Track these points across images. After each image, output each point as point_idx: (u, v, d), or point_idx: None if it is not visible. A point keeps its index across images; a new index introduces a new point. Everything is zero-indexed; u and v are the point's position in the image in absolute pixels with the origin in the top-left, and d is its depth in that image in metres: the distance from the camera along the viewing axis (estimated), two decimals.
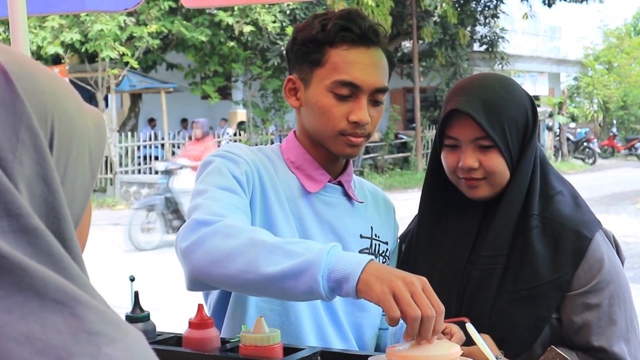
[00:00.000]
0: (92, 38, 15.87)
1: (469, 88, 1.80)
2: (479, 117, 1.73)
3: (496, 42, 22.66)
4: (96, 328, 0.71)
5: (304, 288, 1.38)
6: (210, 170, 1.66)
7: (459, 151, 1.79)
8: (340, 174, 1.81)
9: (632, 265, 9.08)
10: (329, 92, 1.68)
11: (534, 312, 1.74)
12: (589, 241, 1.75)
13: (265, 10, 16.76)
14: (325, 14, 1.72)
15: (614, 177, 20.41)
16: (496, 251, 1.77)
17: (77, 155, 0.81)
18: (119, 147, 17.01)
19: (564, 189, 1.84)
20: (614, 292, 1.76)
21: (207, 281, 1.49)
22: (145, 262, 9.62)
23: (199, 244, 1.47)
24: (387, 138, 21.59)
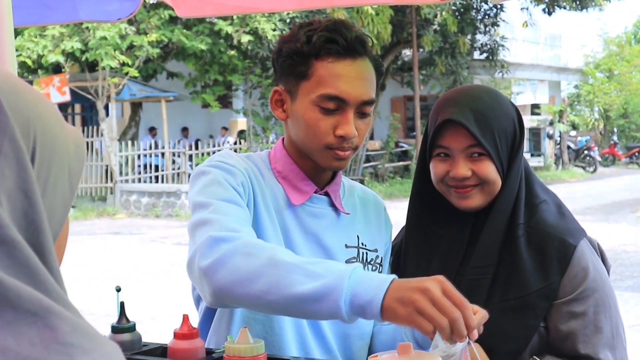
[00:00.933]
0: (92, 47, 15.91)
1: (458, 99, 1.80)
2: (471, 126, 1.74)
3: (496, 50, 22.68)
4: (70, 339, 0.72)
5: (326, 312, 1.38)
6: (208, 181, 1.65)
7: (449, 160, 1.79)
8: (328, 183, 1.80)
9: (632, 274, 9.07)
10: (315, 105, 1.66)
11: (523, 321, 1.74)
12: (574, 249, 1.76)
13: (265, 18, 16.79)
14: (311, 23, 1.69)
15: (614, 186, 20.41)
16: (485, 261, 1.78)
17: (58, 170, 0.82)
18: (119, 156, 17.03)
19: (548, 198, 1.85)
20: (599, 300, 1.76)
21: (230, 301, 1.49)
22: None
23: (221, 264, 1.46)
24: (387, 146, 21.61)
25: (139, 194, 16.05)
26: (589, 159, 25.77)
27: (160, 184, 17.06)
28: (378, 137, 23.98)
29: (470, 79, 22.47)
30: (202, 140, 19.68)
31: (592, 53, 32.24)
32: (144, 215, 15.61)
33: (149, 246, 11.78)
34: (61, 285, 0.78)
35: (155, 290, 8.39)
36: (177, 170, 18.05)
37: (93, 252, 11.06)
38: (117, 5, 3.06)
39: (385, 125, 22.99)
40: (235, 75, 18.74)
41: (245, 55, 18.50)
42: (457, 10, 21.24)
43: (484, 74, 23.76)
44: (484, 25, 22.52)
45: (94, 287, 8.13)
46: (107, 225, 14.36)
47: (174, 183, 17.21)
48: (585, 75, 31.16)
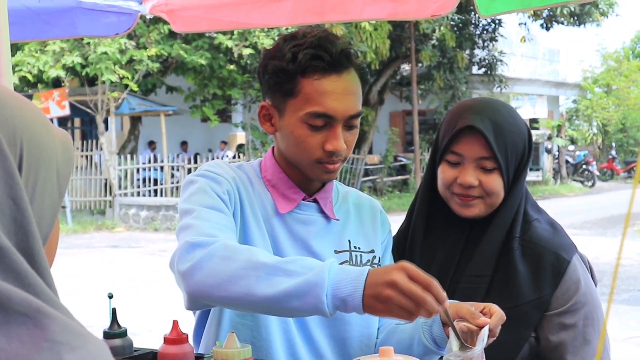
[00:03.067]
0: (92, 61, 15.97)
1: (479, 108, 1.84)
2: (489, 137, 1.78)
3: (495, 65, 22.73)
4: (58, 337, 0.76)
5: (308, 308, 1.42)
6: (195, 190, 1.69)
7: (459, 167, 1.83)
8: (317, 191, 1.82)
9: (628, 287, 9.09)
10: (303, 123, 1.68)
11: (515, 330, 1.79)
12: (567, 264, 1.82)
13: (264, 33, 16.85)
14: (295, 37, 1.70)
15: (612, 200, 20.42)
16: (481, 271, 1.83)
17: (46, 176, 0.86)
18: (119, 170, 17.05)
19: (540, 217, 1.90)
20: (588, 314, 1.82)
21: (209, 303, 1.53)
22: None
23: (198, 268, 1.49)
24: (386, 161, 21.63)
25: (138, 207, 16.07)
26: (587, 174, 25.78)
27: (159, 197, 17.07)
28: (377, 152, 24.01)
29: (469, 94, 22.50)
30: (201, 154, 19.71)
31: (591, 68, 32.31)
32: (143, 229, 15.62)
33: (148, 259, 11.79)
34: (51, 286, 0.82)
35: (153, 303, 8.41)
36: (176, 184, 18.06)
37: (92, 266, 11.07)
38: (114, 20, 3.12)
39: (383, 139, 23.02)
40: (234, 90, 18.78)
41: (245, 70, 18.55)
42: (456, 26, 21.31)
43: (483, 88, 23.80)
44: (482, 40, 22.58)
45: (92, 300, 8.15)
46: (106, 238, 14.37)
47: (173, 197, 17.22)
48: (584, 90, 31.21)
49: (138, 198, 16.73)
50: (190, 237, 1.56)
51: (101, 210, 17.16)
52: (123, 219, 16.09)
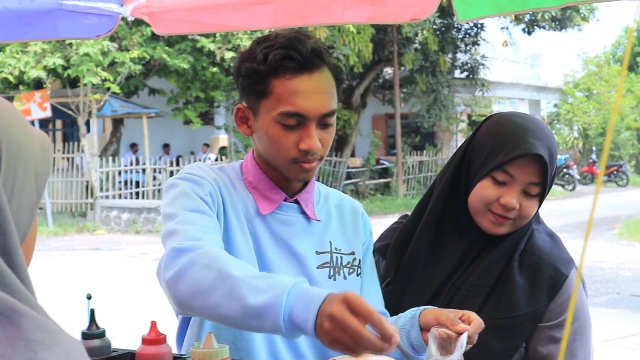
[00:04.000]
0: (74, 63, 15.90)
1: (538, 133, 1.81)
2: (549, 168, 1.78)
3: (477, 69, 22.85)
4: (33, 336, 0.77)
5: (269, 329, 1.42)
6: (177, 193, 1.70)
7: (505, 188, 1.81)
8: (299, 192, 1.83)
9: (607, 290, 9.17)
10: (277, 123, 1.68)
11: (508, 341, 1.81)
12: (565, 278, 1.84)
13: (247, 36, 16.84)
14: (267, 39, 1.71)
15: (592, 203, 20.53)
16: (482, 281, 1.84)
17: (24, 176, 0.87)
18: (100, 172, 16.99)
19: (539, 227, 1.93)
20: (578, 329, 1.84)
21: (192, 311, 1.54)
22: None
23: (181, 275, 1.51)
24: (368, 164, 21.68)
25: (120, 209, 16.02)
26: (568, 177, 25.93)
27: (141, 200, 17.02)
28: (359, 154, 24.06)
29: (451, 97, 22.61)
30: (183, 156, 19.67)
31: (572, 72, 32.49)
32: (124, 231, 15.57)
33: (129, 262, 11.76)
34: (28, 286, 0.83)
35: (134, 305, 8.38)
36: (158, 186, 18.02)
37: (72, 268, 11.03)
38: (95, 22, 3.12)
39: (366, 142, 23.07)
40: (217, 92, 18.77)
41: (228, 72, 18.53)
42: (438, 29, 21.41)
43: (465, 92, 23.92)
44: (464, 44, 22.70)
45: (72, 302, 8.11)
46: (87, 241, 14.32)
47: (155, 199, 17.16)
48: (565, 94, 31.41)
49: (120, 200, 16.67)
50: (175, 242, 1.56)
51: (82, 212, 17.09)
52: (104, 222, 16.03)
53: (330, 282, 1.81)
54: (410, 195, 21.43)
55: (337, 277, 1.83)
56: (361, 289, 1.87)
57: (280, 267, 1.75)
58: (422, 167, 22.79)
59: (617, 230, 14.65)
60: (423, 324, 1.66)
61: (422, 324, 1.66)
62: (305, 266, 1.79)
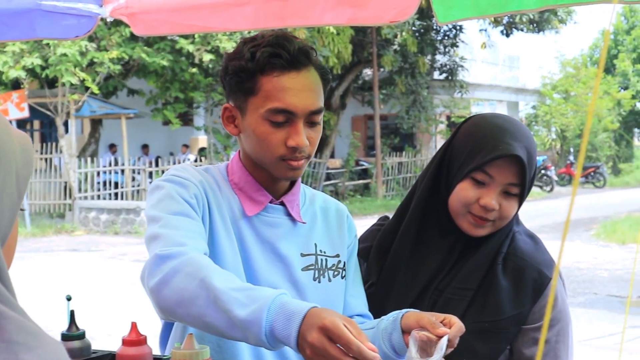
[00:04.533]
0: (52, 63, 15.80)
1: (517, 134, 1.82)
2: (526, 167, 1.79)
3: (456, 70, 22.96)
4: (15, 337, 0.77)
5: (252, 342, 1.44)
6: (162, 196, 1.69)
7: (484, 189, 1.82)
8: (285, 193, 1.83)
9: (584, 290, 9.24)
10: (265, 120, 1.69)
11: (493, 343, 1.83)
12: (549, 281, 1.85)
13: (226, 37, 16.82)
14: (254, 39, 1.72)
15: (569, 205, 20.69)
16: (466, 284, 1.85)
17: (5, 177, 0.87)
18: (79, 173, 16.90)
19: (520, 229, 1.94)
20: (561, 330, 1.87)
21: (176, 319, 1.54)
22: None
23: (165, 283, 1.51)
24: (347, 165, 21.71)
25: (98, 210, 15.93)
26: (546, 179, 26.11)
27: (120, 200, 16.94)
28: (338, 156, 24.08)
29: (430, 99, 22.70)
30: (162, 157, 19.60)
31: (549, 74, 32.70)
32: (103, 232, 15.49)
33: (108, 263, 11.70)
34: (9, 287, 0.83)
35: (113, 307, 8.35)
36: (136, 187, 17.94)
37: (51, 269, 10.96)
38: (74, 23, 3.10)
39: (345, 143, 23.10)
40: (196, 93, 18.72)
41: (207, 73, 18.49)
42: (417, 31, 21.49)
43: (444, 93, 24.03)
44: (443, 46, 22.80)
45: (50, 303, 8.07)
46: (66, 242, 14.23)
47: (134, 200, 17.09)
48: (543, 96, 31.61)
49: (98, 201, 16.59)
50: (159, 248, 1.56)
51: (61, 213, 16.98)
52: (83, 223, 15.94)
53: (314, 284, 1.81)
54: (389, 196, 21.49)
55: (322, 279, 1.83)
56: (345, 292, 1.88)
57: (265, 269, 1.75)
58: (401, 168, 22.86)
59: (594, 231, 14.78)
60: (405, 327, 1.67)
61: (404, 327, 1.67)
62: (290, 268, 1.79)
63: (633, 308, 8.28)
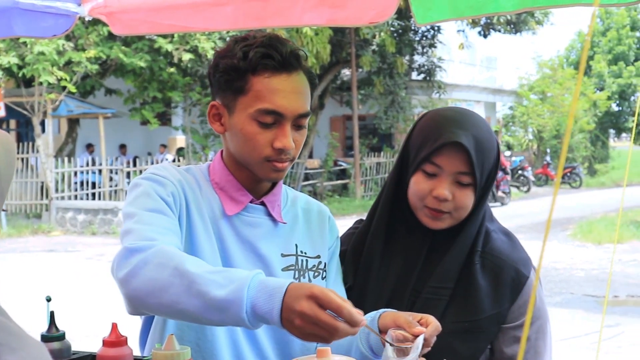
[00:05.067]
0: (29, 62, 15.68)
1: (462, 122, 1.83)
2: (473, 155, 1.79)
3: (434, 71, 23.03)
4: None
5: (231, 322, 1.43)
6: (139, 193, 1.69)
7: (435, 179, 1.82)
8: (266, 194, 1.84)
9: (561, 290, 9.31)
10: (253, 120, 1.70)
11: (473, 343, 1.83)
12: (526, 279, 1.87)
13: (205, 37, 16.77)
14: (246, 38, 1.73)
15: (547, 205, 20.87)
16: (443, 283, 1.85)
17: None
18: (55, 173, 16.78)
19: (495, 227, 1.94)
20: (540, 327, 1.88)
21: (146, 309, 1.53)
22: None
23: (134, 275, 1.50)
24: (326, 165, 21.72)
25: (75, 211, 15.83)
26: (522, 179, 26.26)
27: (97, 201, 16.84)
28: (317, 156, 24.09)
29: (408, 99, 22.76)
30: (140, 157, 19.51)
31: (526, 75, 32.92)
32: (80, 233, 15.39)
33: (85, 264, 11.63)
34: None
35: (91, 307, 8.30)
36: (114, 187, 17.85)
37: (27, 270, 10.87)
38: (52, 22, 3.09)
39: (324, 144, 23.12)
40: (174, 92, 18.65)
41: (185, 73, 18.43)
42: (396, 32, 21.54)
43: (422, 94, 24.10)
44: (421, 46, 22.88)
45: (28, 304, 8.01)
46: (42, 242, 14.12)
47: (111, 200, 17.00)
48: (520, 97, 31.82)
49: (75, 201, 16.47)
50: (129, 242, 1.56)
51: (37, 213, 16.85)
52: (60, 223, 15.83)
53: None
54: (367, 197, 21.53)
55: (302, 279, 1.84)
56: None
57: (245, 269, 1.75)
58: (379, 168, 22.91)
59: (570, 231, 14.89)
60: (382, 327, 1.68)
61: (381, 327, 1.68)
62: (270, 268, 1.79)
63: (609, 307, 8.37)
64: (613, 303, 8.55)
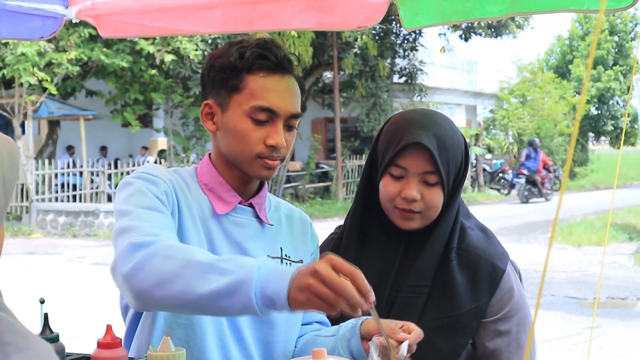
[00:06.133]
0: (9, 63, 15.57)
1: (423, 123, 1.86)
2: (435, 154, 1.81)
3: (415, 74, 23.09)
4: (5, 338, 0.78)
5: (239, 306, 1.43)
6: (132, 191, 1.71)
7: (402, 181, 1.86)
8: (253, 196, 1.88)
9: (543, 292, 9.38)
10: (247, 117, 1.76)
11: (453, 339, 1.85)
12: (503, 272, 1.89)
13: (187, 39, 16.74)
14: (241, 41, 1.80)
15: (527, 208, 20.99)
16: (421, 281, 1.87)
17: None
18: (36, 175, 16.67)
19: (472, 224, 1.97)
20: (521, 320, 1.91)
21: (152, 304, 1.53)
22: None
23: (140, 268, 1.50)
24: (308, 167, 21.71)
25: (56, 213, 15.73)
26: (503, 182, 26.40)
27: (78, 203, 16.74)
28: (299, 158, 24.08)
29: (390, 102, 22.80)
30: (121, 159, 19.42)
31: (507, 79, 33.00)
32: (61, 235, 15.30)
33: (66, 266, 11.57)
34: None
35: (73, 310, 8.26)
36: (95, 189, 17.75)
37: (7, 273, 10.80)
38: (39, 23, 3.08)
39: (306, 146, 23.12)
40: (156, 94, 18.58)
41: (167, 75, 18.38)
42: (377, 35, 21.59)
43: (403, 97, 24.16)
44: (403, 49, 22.93)
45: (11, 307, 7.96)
46: (22, 245, 14.02)
47: (92, 202, 16.91)
48: (500, 100, 31.94)
49: (56, 204, 16.37)
50: (133, 238, 1.56)
51: (17, 215, 16.72)
52: (40, 225, 15.73)
53: None
54: (349, 199, 21.54)
55: None
56: None
57: None
58: (361, 171, 22.81)
59: (550, 233, 14.97)
60: (364, 333, 1.72)
61: (364, 333, 1.72)
62: None
63: (590, 309, 8.43)
64: (594, 305, 8.61)
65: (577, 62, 35.03)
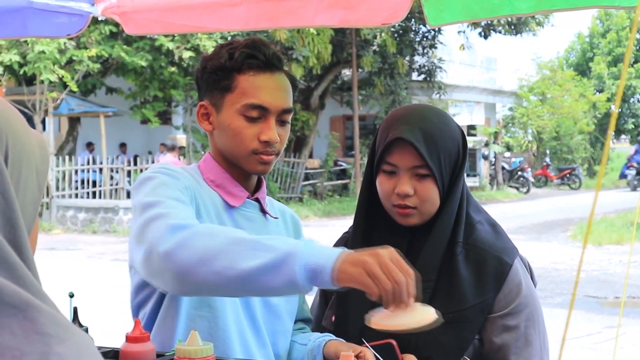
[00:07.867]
0: (31, 60, 15.68)
1: (409, 118, 1.88)
2: (419, 146, 1.81)
3: (434, 72, 23.03)
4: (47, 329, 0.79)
5: (283, 279, 1.46)
6: (156, 184, 1.74)
7: (396, 178, 1.87)
8: (255, 191, 1.94)
9: (562, 290, 9.33)
10: (240, 115, 1.81)
11: (459, 334, 1.84)
12: (510, 267, 1.88)
13: (206, 36, 16.78)
14: (231, 43, 1.85)
15: (546, 206, 20.90)
16: (425, 276, 1.85)
17: (27, 172, 0.89)
18: (56, 171, 16.78)
19: (482, 218, 1.95)
20: (529, 315, 1.88)
21: (192, 282, 1.52)
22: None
23: (182, 246, 1.52)
24: (326, 165, 21.73)
25: (76, 209, 15.84)
26: (522, 180, 26.30)
27: (98, 199, 16.86)
28: (317, 156, 24.10)
29: (409, 100, 22.76)
30: (140, 156, 19.51)
31: (526, 77, 32.90)
32: (81, 231, 15.41)
33: (86, 262, 11.65)
34: (37, 276, 0.85)
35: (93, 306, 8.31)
36: (115, 186, 17.86)
37: None
38: (66, 21, 3.11)
39: (324, 143, 23.13)
40: (175, 91, 18.66)
41: (186, 72, 18.44)
42: (396, 32, 21.54)
43: (422, 94, 24.11)
44: (422, 47, 22.87)
45: None
46: (43, 240, 14.11)
47: (112, 199, 17.02)
48: (520, 98, 31.82)
49: (76, 200, 16.49)
50: (170, 221, 1.58)
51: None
52: (60, 221, 15.84)
53: None
54: None
55: None
56: (299, 297, 2.02)
57: None
58: None
59: (570, 232, 14.91)
60: (326, 355, 1.80)
61: (326, 355, 1.81)
62: None
63: (611, 308, 8.39)
64: (614, 304, 8.57)
65: (598, 59, 34.80)
